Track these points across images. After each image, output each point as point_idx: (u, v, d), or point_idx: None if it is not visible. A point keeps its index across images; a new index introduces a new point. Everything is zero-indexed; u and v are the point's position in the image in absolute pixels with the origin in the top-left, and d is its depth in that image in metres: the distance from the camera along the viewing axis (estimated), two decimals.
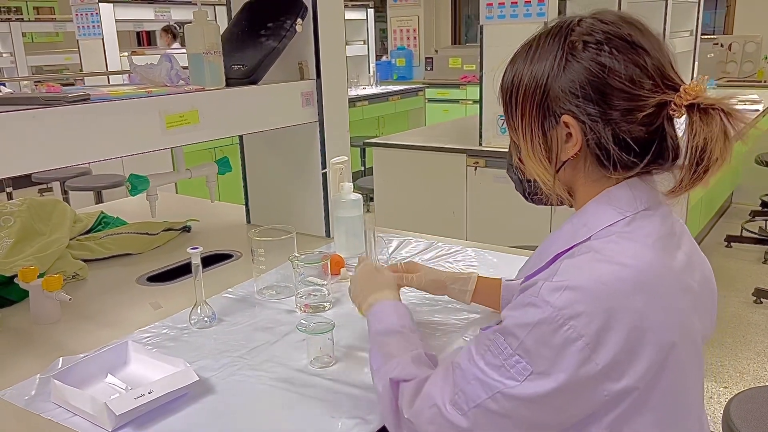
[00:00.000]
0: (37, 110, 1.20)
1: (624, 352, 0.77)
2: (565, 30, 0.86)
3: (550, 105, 0.85)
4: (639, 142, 0.83)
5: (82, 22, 4.72)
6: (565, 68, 0.83)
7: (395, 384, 0.93)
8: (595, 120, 0.82)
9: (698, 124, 0.79)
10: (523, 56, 0.89)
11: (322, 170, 1.82)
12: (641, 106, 0.81)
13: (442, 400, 0.85)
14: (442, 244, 1.81)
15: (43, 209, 1.74)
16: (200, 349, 1.25)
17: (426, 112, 7.22)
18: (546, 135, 0.86)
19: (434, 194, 3.45)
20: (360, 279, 1.21)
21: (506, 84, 0.91)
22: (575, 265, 0.81)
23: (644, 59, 0.82)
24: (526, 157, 0.90)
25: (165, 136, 1.42)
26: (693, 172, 0.80)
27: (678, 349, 0.82)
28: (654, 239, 0.83)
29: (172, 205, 2.29)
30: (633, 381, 0.79)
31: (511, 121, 0.91)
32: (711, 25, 7.11)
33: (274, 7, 1.74)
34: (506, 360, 0.80)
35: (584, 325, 0.77)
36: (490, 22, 3.05)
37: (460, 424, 0.84)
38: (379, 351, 1.01)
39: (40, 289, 1.37)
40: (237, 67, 1.64)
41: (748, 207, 5.08)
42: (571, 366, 0.77)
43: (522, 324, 0.80)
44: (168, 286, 1.61)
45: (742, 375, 2.94)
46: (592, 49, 0.83)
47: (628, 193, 0.86)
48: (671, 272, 0.83)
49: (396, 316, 1.07)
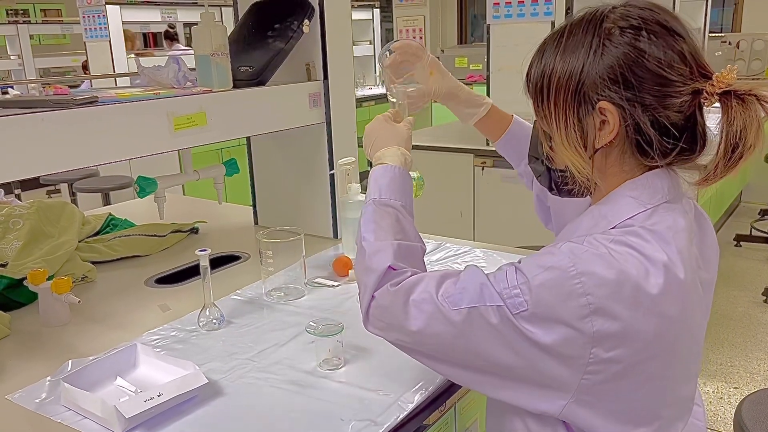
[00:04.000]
0: (46, 113, 1.21)
1: (624, 329, 0.77)
2: (599, 17, 0.85)
3: (587, 92, 0.84)
4: (676, 128, 0.83)
5: (89, 24, 4.74)
6: (602, 55, 0.83)
7: (390, 269, 0.93)
8: (633, 105, 0.82)
9: (736, 110, 0.80)
10: (554, 46, 0.88)
11: (330, 171, 1.82)
12: (678, 92, 0.81)
13: (440, 293, 0.86)
14: (450, 245, 1.80)
15: (52, 211, 1.75)
16: (209, 351, 1.25)
17: (432, 112, 7.21)
18: (581, 122, 0.86)
19: (442, 194, 3.44)
20: (372, 129, 1.16)
21: (536, 76, 0.90)
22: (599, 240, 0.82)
23: (681, 45, 0.82)
24: (560, 146, 0.89)
25: (173, 138, 1.42)
26: (728, 159, 0.81)
27: (677, 342, 0.82)
28: (674, 233, 0.82)
29: (180, 206, 2.29)
30: (621, 356, 0.79)
31: (542, 110, 0.90)
32: (719, 22, 7.07)
33: (281, 8, 1.74)
34: (506, 289, 0.81)
35: (594, 286, 0.77)
36: (497, 21, 3.04)
37: (453, 318, 0.84)
38: (374, 222, 0.99)
39: (49, 291, 1.37)
40: (244, 69, 1.64)
41: (757, 206, 5.06)
42: (567, 318, 0.77)
43: (535, 265, 0.81)
44: (176, 288, 1.61)
45: (753, 375, 2.92)
46: (629, 34, 0.82)
47: (651, 183, 0.86)
48: (689, 270, 0.83)
49: (400, 192, 1.04)
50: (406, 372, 1.13)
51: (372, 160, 1.11)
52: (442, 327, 0.85)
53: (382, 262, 0.93)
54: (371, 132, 1.15)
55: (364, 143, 1.16)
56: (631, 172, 0.87)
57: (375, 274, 0.93)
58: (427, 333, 0.86)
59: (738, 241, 4.46)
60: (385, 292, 0.91)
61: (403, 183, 1.06)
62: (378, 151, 1.10)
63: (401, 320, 0.88)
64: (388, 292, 0.91)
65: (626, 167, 0.87)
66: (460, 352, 0.85)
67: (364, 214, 1.02)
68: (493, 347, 0.82)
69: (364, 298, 0.95)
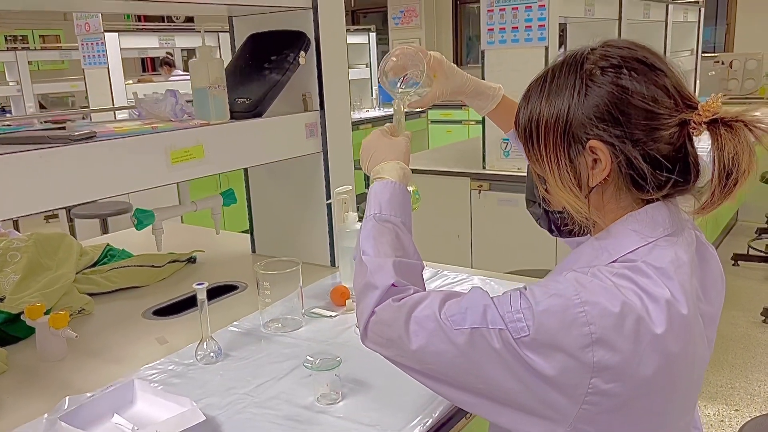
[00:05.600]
0: (44, 150, 1.21)
1: (624, 362, 0.77)
2: (579, 60, 0.87)
3: (575, 132, 0.85)
4: (668, 160, 0.84)
5: (87, 51, 4.78)
6: (586, 95, 0.84)
7: (393, 286, 0.92)
8: (623, 141, 0.83)
9: (725, 137, 0.81)
10: (538, 91, 0.90)
11: (327, 201, 1.83)
12: (666, 124, 0.82)
13: (443, 312, 0.86)
14: (448, 272, 1.81)
15: (50, 244, 1.75)
16: (206, 385, 1.25)
17: (429, 133, 7.25)
18: (573, 162, 0.86)
19: (439, 218, 3.45)
20: (369, 143, 1.14)
21: (524, 121, 0.91)
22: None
23: (662, 79, 0.84)
24: (554, 187, 0.90)
25: (170, 172, 1.43)
26: (723, 185, 0.81)
27: (678, 378, 0.82)
28: (676, 267, 0.83)
29: (178, 235, 2.30)
30: (621, 389, 0.78)
31: (534, 155, 0.91)
32: (711, 41, 7.15)
33: (277, 40, 1.76)
34: (509, 313, 0.81)
35: (598, 316, 0.77)
36: (492, 47, 3.07)
37: (454, 338, 0.83)
38: (374, 238, 0.99)
39: (46, 326, 1.37)
40: (242, 101, 1.65)
41: (754, 224, 5.07)
42: (568, 347, 0.77)
43: (539, 291, 0.81)
44: (174, 319, 1.61)
45: (753, 397, 2.90)
46: (610, 73, 0.84)
47: (652, 217, 0.86)
48: (691, 305, 0.83)
49: (400, 208, 1.04)
50: (405, 405, 1.13)
51: (370, 174, 1.10)
52: (443, 346, 0.85)
53: (385, 279, 0.93)
54: (369, 146, 1.13)
55: (362, 157, 1.15)
56: (629, 207, 0.88)
57: (378, 291, 0.92)
58: (427, 351, 0.86)
59: (735, 260, 4.47)
60: (387, 307, 0.91)
61: (403, 199, 1.06)
62: (377, 165, 1.09)
63: (402, 336, 0.88)
64: (391, 307, 0.91)
65: (623, 203, 0.88)
66: (460, 373, 0.85)
67: (363, 230, 1.01)
68: (493, 370, 0.82)
69: (363, 314, 0.94)
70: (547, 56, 2.95)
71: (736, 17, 6.75)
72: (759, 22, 6.57)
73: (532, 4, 2.95)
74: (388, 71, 1.17)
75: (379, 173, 1.08)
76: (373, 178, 1.09)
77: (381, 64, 1.17)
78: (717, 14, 7.14)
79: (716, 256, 0.96)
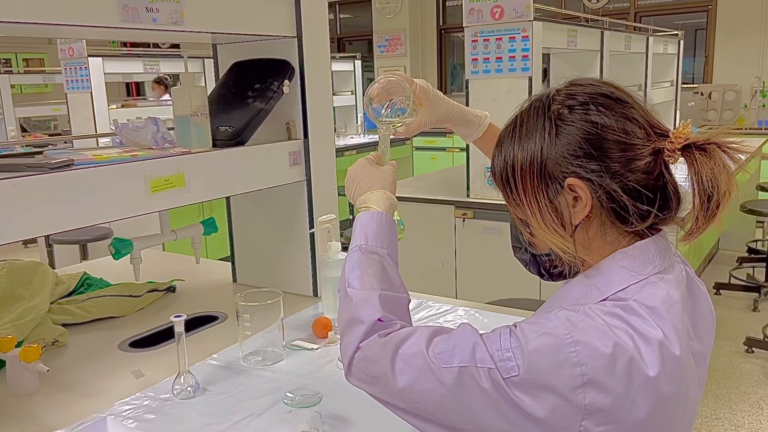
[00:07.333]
0: (19, 179, 1.19)
1: (616, 404, 0.75)
2: (545, 102, 0.87)
3: (551, 172, 0.85)
4: (648, 190, 0.83)
5: (70, 76, 4.74)
6: (557, 135, 0.84)
7: (379, 320, 0.90)
8: (600, 175, 0.82)
9: (701, 161, 0.81)
10: (509, 137, 0.89)
11: (310, 230, 1.80)
12: (639, 154, 0.82)
13: (430, 350, 0.83)
14: (432, 303, 1.78)
15: (24, 273, 1.71)
16: (183, 422, 1.21)
17: (414, 160, 7.28)
18: (554, 203, 0.86)
19: (423, 246, 3.44)
20: (355, 172, 1.12)
21: (499, 168, 0.91)
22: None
23: (630, 111, 0.84)
24: (538, 230, 0.88)
25: (150, 201, 1.40)
26: (706, 209, 0.81)
27: (671, 420, 0.80)
28: (668, 306, 0.81)
29: (158, 262, 2.26)
30: (613, 429, 0.76)
31: (514, 200, 0.90)
32: (690, 72, 7.30)
33: (261, 68, 1.75)
34: (498, 351, 0.78)
35: (589, 357, 0.76)
36: (476, 77, 3.09)
37: (442, 377, 0.81)
38: (359, 269, 0.96)
39: (17, 359, 1.32)
40: (224, 129, 1.64)
41: (735, 253, 5.11)
42: (559, 387, 0.75)
43: (529, 329, 0.79)
44: (151, 351, 1.56)
45: (738, 428, 2.89)
46: (578, 110, 0.84)
47: (642, 253, 0.85)
48: (684, 345, 0.81)
49: (387, 239, 1.02)
50: None
51: (355, 204, 1.08)
52: (429, 384, 0.82)
53: (371, 313, 0.90)
54: (354, 175, 1.11)
55: (347, 186, 1.12)
56: (616, 242, 0.87)
57: (363, 325, 0.90)
58: (413, 390, 0.83)
59: (717, 289, 4.49)
60: (373, 343, 0.88)
61: (390, 230, 1.04)
62: (363, 194, 1.07)
63: (387, 374, 0.85)
64: (377, 343, 0.88)
65: (609, 238, 0.87)
66: (447, 413, 0.82)
67: (349, 261, 0.99)
68: (481, 410, 0.80)
69: (348, 349, 0.91)
70: (530, 86, 2.98)
71: (715, 49, 6.90)
72: (737, 54, 6.71)
73: (515, 35, 2.99)
74: (374, 98, 1.16)
75: (365, 203, 1.06)
76: (359, 207, 1.07)
77: (366, 91, 1.17)
78: (695, 46, 7.30)
79: (706, 293, 0.95)
